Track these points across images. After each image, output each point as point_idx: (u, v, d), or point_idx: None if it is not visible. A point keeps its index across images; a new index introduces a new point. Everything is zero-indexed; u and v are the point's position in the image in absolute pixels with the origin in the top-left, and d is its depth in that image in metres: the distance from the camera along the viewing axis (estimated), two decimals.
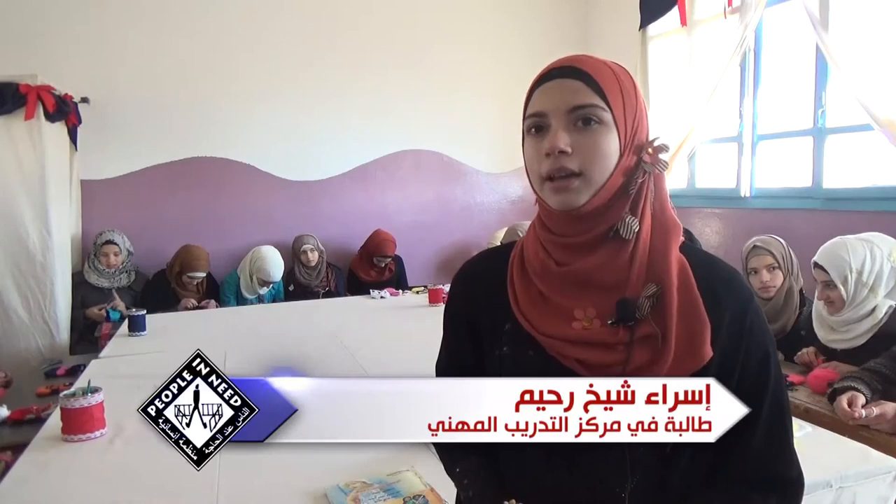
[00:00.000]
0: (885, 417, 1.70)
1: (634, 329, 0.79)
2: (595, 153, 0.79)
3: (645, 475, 0.81)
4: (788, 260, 2.41)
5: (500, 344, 0.89)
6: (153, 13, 4.05)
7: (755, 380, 0.81)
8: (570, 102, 0.80)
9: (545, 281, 0.85)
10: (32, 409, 2.14)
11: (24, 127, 3.29)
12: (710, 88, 3.53)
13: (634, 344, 0.78)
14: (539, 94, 0.83)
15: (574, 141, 0.79)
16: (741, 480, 0.82)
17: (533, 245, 0.88)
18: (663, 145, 0.83)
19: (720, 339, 0.79)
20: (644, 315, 0.78)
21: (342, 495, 1.34)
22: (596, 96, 0.80)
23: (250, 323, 3.26)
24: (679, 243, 0.83)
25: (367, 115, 4.50)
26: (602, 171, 0.80)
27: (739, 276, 0.86)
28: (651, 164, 0.82)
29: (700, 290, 0.80)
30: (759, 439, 0.81)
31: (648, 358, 0.78)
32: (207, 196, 4.26)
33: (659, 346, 0.78)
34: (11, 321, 3.34)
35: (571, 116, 0.80)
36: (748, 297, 0.83)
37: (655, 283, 0.79)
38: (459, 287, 0.98)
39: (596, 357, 0.80)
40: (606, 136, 0.80)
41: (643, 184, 0.82)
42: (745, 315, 0.82)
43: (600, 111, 0.79)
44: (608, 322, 0.80)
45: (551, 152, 0.79)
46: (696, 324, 0.78)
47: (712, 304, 0.80)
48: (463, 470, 0.91)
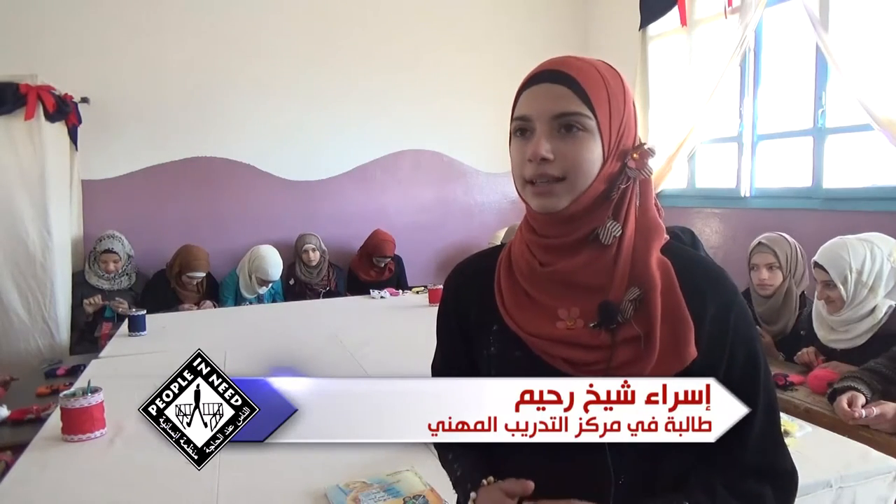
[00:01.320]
0: (885, 417, 1.70)
1: (616, 332, 0.80)
2: (577, 161, 0.80)
3: (633, 470, 0.82)
4: (792, 261, 2.41)
5: (489, 344, 0.90)
6: (153, 13, 4.04)
7: (744, 375, 0.82)
8: (554, 109, 0.80)
9: (530, 281, 0.86)
10: (32, 409, 2.14)
11: (24, 127, 3.29)
12: (710, 88, 3.53)
13: (617, 346, 0.79)
14: (525, 98, 0.83)
15: (556, 148, 0.80)
16: (736, 469, 0.83)
17: (519, 246, 0.89)
18: (649, 150, 0.83)
19: (703, 336, 0.80)
20: (626, 318, 0.79)
21: (342, 495, 1.34)
22: (581, 103, 0.80)
23: (250, 323, 3.26)
24: (661, 246, 0.84)
25: (367, 115, 4.50)
26: (584, 178, 0.81)
27: (724, 274, 0.86)
28: (636, 169, 0.82)
29: (683, 289, 0.81)
30: (754, 433, 0.82)
31: (631, 357, 0.79)
32: (207, 196, 4.26)
33: (642, 348, 0.79)
34: (11, 321, 3.34)
35: (555, 123, 0.80)
36: (732, 294, 0.84)
37: (638, 286, 0.80)
38: (451, 288, 1.00)
39: (580, 356, 0.81)
40: (589, 143, 0.80)
41: (627, 189, 0.83)
42: (728, 311, 0.82)
43: (584, 119, 0.80)
44: (590, 325, 0.80)
45: (533, 159, 0.80)
46: (680, 325, 0.79)
47: (696, 301, 0.81)
48: (455, 455, 0.93)
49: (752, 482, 0.82)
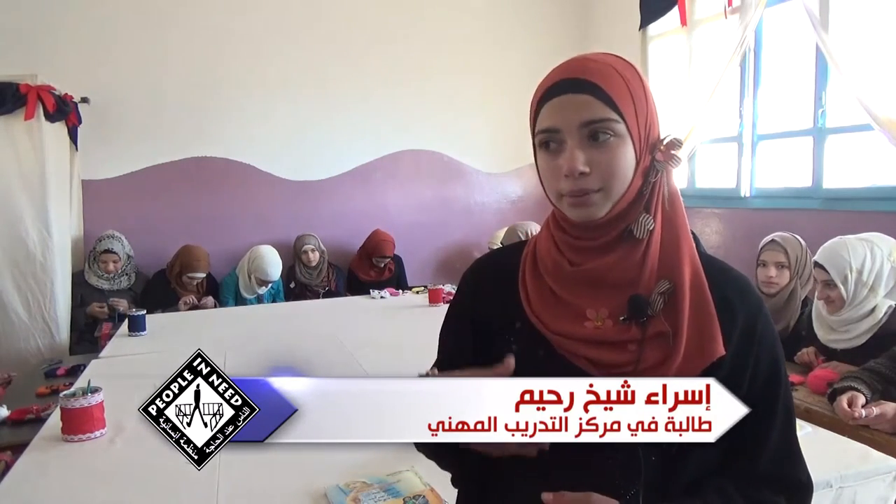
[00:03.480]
0: (885, 417, 1.70)
1: (646, 326, 0.78)
2: (614, 169, 0.78)
3: (650, 476, 0.80)
4: (801, 263, 2.42)
5: (510, 342, 0.88)
6: (153, 13, 4.04)
7: (767, 385, 0.82)
8: (582, 118, 0.78)
9: (558, 280, 0.85)
10: (32, 409, 2.14)
11: (24, 127, 3.29)
12: (710, 88, 3.53)
13: (646, 341, 0.78)
14: (549, 110, 0.80)
15: (590, 158, 0.78)
16: (752, 478, 0.82)
17: (546, 244, 0.87)
18: (675, 140, 0.81)
19: (732, 343, 0.80)
20: (656, 312, 0.78)
21: (342, 495, 1.34)
22: (608, 109, 0.78)
23: (250, 323, 3.26)
24: (690, 240, 0.83)
25: (367, 115, 4.50)
26: (621, 184, 0.79)
27: (751, 283, 0.86)
28: (664, 161, 0.81)
29: (712, 297, 0.80)
30: (772, 443, 0.82)
31: (660, 356, 0.78)
32: (207, 196, 4.26)
33: (670, 344, 0.78)
34: (11, 321, 3.34)
35: (585, 131, 0.78)
36: (759, 305, 0.84)
37: (668, 280, 0.80)
38: (469, 284, 0.97)
39: (607, 356, 0.80)
40: (623, 148, 0.79)
41: (656, 182, 0.82)
42: (755, 322, 0.82)
43: (614, 124, 0.78)
44: (620, 319, 0.79)
45: (570, 174, 0.78)
46: (707, 320, 0.79)
47: (725, 311, 0.80)
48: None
49: (767, 492, 0.82)
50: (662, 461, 0.80)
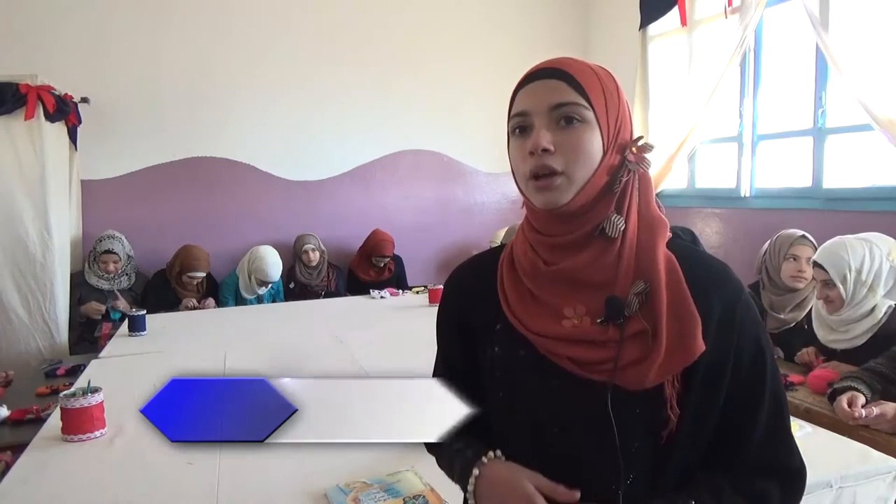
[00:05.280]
0: (885, 417, 1.70)
1: (624, 326, 0.79)
2: (578, 151, 0.80)
3: (640, 468, 0.81)
4: None
5: (492, 344, 0.90)
6: (153, 13, 4.04)
7: (751, 372, 0.82)
8: (551, 100, 0.81)
9: (534, 280, 0.86)
10: (32, 409, 2.14)
11: (24, 127, 3.28)
12: (710, 88, 3.53)
13: (625, 341, 0.79)
14: (522, 95, 0.84)
15: (557, 139, 0.80)
16: (743, 467, 0.82)
17: (522, 245, 0.89)
18: (647, 144, 0.83)
19: (710, 332, 0.79)
20: (633, 312, 0.79)
21: (342, 495, 1.34)
22: (577, 94, 0.80)
23: (250, 323, 3.26)
24: (666, 240, 0.84)
25: (367, 115, 4.50)
26: (585, 170, 0.81)
27: (729, 269, 0.86)
28: (635, 162, 0.82)
29: (689, 285, 0.80)
30: (760, 430, 0.82)
31: (639, 354, 0.78)
32: (207, 196, 4.26)
33: (649, 343, 0.78)
34: (11, 321, 3.34)
35: (553, 115, 0.81)
36: (738, 290, 0.84)
37: (644, 280, 0.80)
38: (451, 290, 1.00)
39: (587, 354, 0.80)
40: (589, 134, 0.81)
41: (628, 182, 0.83)
42: (734, 308, 0.82)
43: (582, 109, 0.80)
44: (597, 320, 0.80)
45: (535, 151, 0.80)
46: (686, 319, 0.79)
47: (701, 298, 0.80)
48: (455, 435, 0.86)
49: (758, 480, 0.82)
50: (652, 451, 0.81)
